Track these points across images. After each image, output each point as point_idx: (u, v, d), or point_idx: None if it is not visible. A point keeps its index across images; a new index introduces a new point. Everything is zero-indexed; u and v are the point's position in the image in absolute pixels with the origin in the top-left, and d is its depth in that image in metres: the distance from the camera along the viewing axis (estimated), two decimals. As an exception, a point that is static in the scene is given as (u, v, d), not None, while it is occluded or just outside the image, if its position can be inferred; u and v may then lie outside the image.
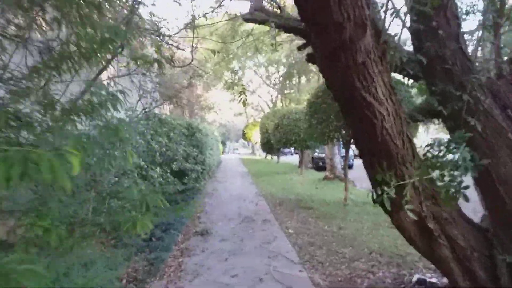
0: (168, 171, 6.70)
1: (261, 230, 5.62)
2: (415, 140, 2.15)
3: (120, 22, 3.12)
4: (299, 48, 4.28)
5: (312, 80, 18.30)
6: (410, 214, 1.70)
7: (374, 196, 2.11)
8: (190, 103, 18.43)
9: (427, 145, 2.05)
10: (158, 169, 5.73)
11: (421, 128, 8.17)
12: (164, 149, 5.97)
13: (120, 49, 2.96)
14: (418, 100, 4.57)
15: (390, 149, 1.88)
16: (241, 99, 4.19)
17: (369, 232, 5.52)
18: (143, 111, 6.75)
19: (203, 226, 5.81)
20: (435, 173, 2.01)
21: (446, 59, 2.10)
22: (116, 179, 3.98)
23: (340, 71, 1.52)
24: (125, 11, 4.60)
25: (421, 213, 2.06)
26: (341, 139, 7.83)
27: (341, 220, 6.25)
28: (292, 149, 24.91)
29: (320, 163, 17.47)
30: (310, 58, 2.27)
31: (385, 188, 1.69)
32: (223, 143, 43.92)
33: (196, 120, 13.96)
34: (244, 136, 32.32)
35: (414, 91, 5.00)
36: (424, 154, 2.08)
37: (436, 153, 2.03)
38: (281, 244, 4.90)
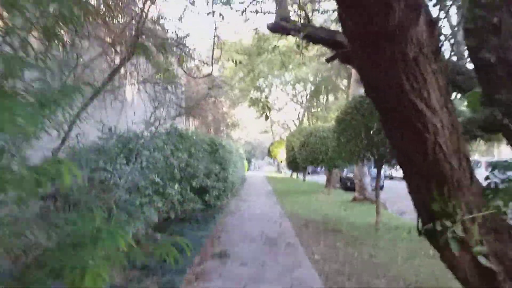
0: (188, 187, 6.47)
1: (284, 255, 5.19)
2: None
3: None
4: (328, 60, 3.96)
5: (340, 98, 17.86)
6: (483, 261, 1.29)
7: (420, 227, 1.73)
8: (216, 120, 18.45)
9: (489, 166, 1.66)
10: (176, 185, 5.50)
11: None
12: (183, 164, 5.75)
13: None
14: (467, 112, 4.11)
15: (444, 171, 1.50)
16: (263, 112, 3.93)
17: (404, 261, 4.96)
18: (160, 125, 6.63)
19: (222, 247, 5.47)
20: (500, 203, 1.60)
21: (511, 62, 1.72)
22: (127, 196, 3.76)
23: (384, 69, 1.19)
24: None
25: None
26: (372, 159, 7.35)
27: (372, 247, 5.71)
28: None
29: (349, 183, 16.79)
30: (345, 57, 1.95)
31: (448, 223, 1.30)
32: (248, 161, 43.78)
33: (220, 137, 13.84)
34: (269, 153, 32.04)
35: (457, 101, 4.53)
36: (486, 178, 1.68)
37: (501, 177, 1.63)
38: (306, 271, 4.47)
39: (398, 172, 15.75)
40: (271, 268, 4.57)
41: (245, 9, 7.93)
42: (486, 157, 20.71)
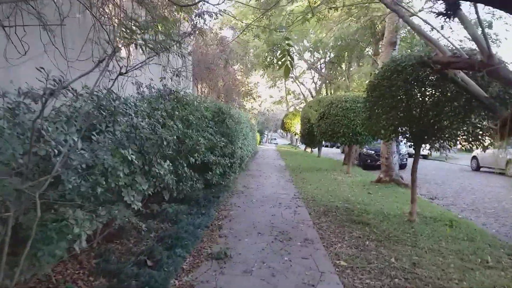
0: (185, 164, 5.29)
1: (301, 258, 4.03)
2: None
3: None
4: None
5: (365, 65, 16.05)
6: None
7: None
8: (228, 87, 17.05)
9: None
10: (167, 163, 4.32)
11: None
12: (177, 136, 4.50)
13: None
14: None
15: None
16: (284, 62, 2.65)
17: (460, 274, 3.74)
18: (161, 88, 5.37)
19: (222, 244, 4.34)
20: None
21: None
22: (77, 179, 2.56)
23: None
24: None
25: None
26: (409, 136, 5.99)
27: (411, 248, 4.50)
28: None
29: (369, 161, 15.45)
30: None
31: None
32: (261, 133, 42.59)
33: (232, 106, 12.52)
34: (283, 126, 30.60)
35: None
36: None
37: None
38: (331, 288, 3.30)
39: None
40: (284, 279, 3.41)
41: None
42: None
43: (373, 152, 15.19)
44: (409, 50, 9.81)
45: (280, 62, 2.52)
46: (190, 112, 5.33)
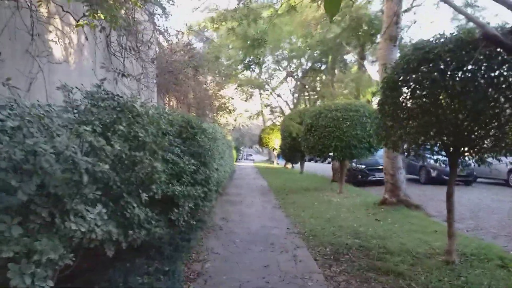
0: (135, 205, 3.52)
1: None
2: None
3: None
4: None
5: (351, 70, 14.91)
6: None
7: None
8: (199, 100, 15.34)
9: None
10: (98, 209, 2.57)
11: None
12: (106, 166, 2.74)
13: None
14: None
15: None
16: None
17: None
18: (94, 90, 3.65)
19: None
20: None
21: None
22: None
23: None
24: None
25: None
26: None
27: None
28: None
29: (359, 176, 14.09)
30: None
31: None
32: (237, 149, 40.88)
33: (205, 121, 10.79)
34: (260, 141, 29.08)
35: None
36: None
37: None
38: None
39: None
40: None
41: None
42: None
43: (363, 166, 13.84)
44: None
45: None
46: (142, 126, 3.61)
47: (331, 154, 9.70)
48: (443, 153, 4.59)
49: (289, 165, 25.13)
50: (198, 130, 5.95)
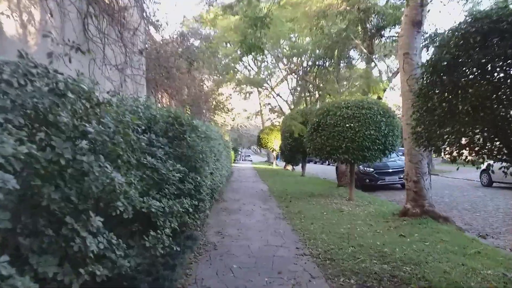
0: (84, 232, 2.40)
1: None
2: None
3: None
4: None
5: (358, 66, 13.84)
6: None
7: None
8: (195, 97, 14.23)
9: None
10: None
11: None
12: (10, 185, 1.65)
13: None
14: None
15: None
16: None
17: None
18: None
19: None
20: None
21: None
22: None
23: None
24: None
25: None
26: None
27: None
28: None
29: (367, 180, 13.03)
30: None
31: None
32: (235, 150, 39.76)
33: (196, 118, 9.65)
34: (259, 142, 27.91)
35: None
36: None
37: None
38: None
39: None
40: None
41: None
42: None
43: (372, 170, 12.75)
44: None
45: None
46: (98, 119, 2.50)
47: (341, 156, 8.56)
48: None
49: (290, 167, 24.01)
50: (187, 128, 4.83)
